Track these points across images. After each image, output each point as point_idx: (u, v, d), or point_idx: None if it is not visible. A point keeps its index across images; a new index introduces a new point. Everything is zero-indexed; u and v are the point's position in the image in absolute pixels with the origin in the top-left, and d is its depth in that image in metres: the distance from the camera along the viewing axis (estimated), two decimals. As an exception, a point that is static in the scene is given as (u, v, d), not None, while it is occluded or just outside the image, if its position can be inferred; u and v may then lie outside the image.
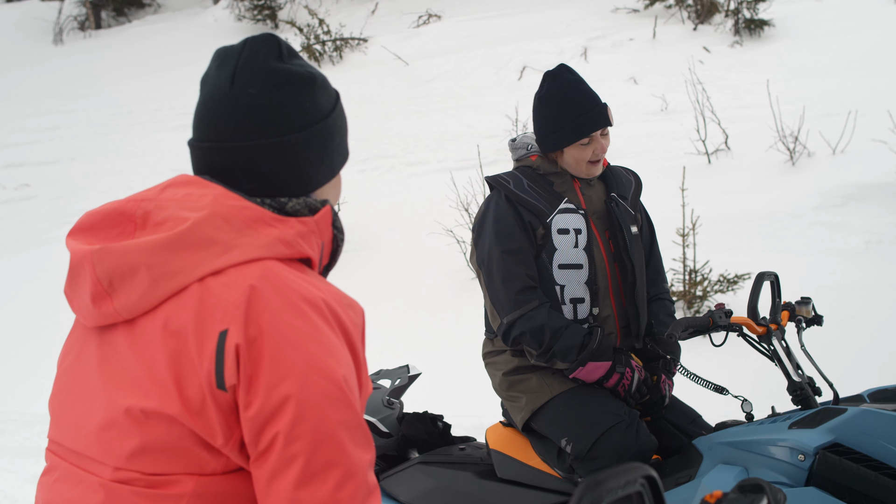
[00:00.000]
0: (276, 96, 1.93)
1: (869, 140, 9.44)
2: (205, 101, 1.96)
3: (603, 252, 3.70)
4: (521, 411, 3.67)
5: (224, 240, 1.83)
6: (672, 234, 7.45)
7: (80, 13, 20.67)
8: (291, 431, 1.74)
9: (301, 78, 1.97)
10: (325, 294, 1.86)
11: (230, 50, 1.98)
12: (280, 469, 1.75)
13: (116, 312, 1.85)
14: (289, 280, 1.83)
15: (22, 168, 13.12)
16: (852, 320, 6.70)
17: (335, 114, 2.05)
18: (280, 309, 1.78)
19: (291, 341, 1.77)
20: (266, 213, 1.88)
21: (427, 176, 11.15)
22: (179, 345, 1.79)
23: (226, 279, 1.80)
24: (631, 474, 1.43)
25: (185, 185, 1.93)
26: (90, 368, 1.92)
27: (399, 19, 17.58)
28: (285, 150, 1.95)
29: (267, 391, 1.75)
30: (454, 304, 7.94)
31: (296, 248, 1.89)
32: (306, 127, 1.97)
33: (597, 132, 3.67)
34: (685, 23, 14.89)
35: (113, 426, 1.83)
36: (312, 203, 1.98)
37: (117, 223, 1.91)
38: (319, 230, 1.96)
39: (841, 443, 2.96)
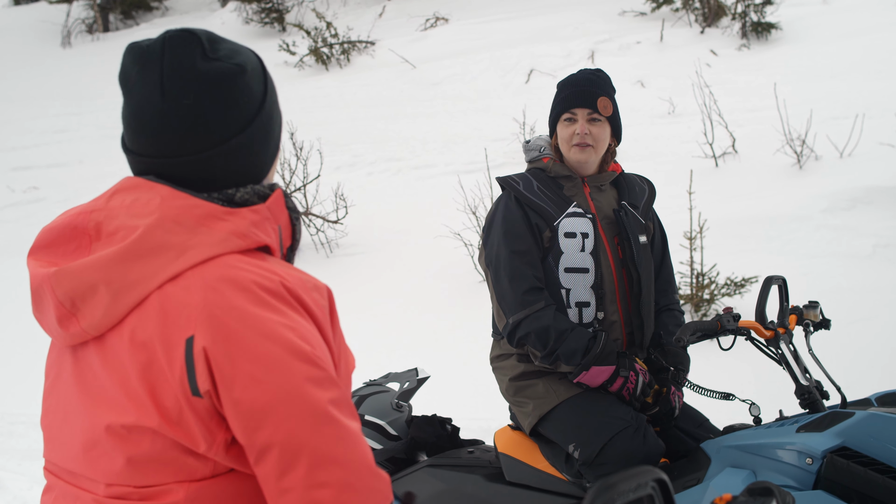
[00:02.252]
0: (212, 102, 1.86)
1: (876, 143, 9.44)
2: (135, 112, 1.89)
3: (610, 257, 3.70)
4: (529, 417, 3.67)
5: (177, 243, 1.80)
6: (679, 237, 7.45)
7: (88, 16, 20.70)
8: (286, 425, 1.73)
9: (232, 74, 1.89)
10: (287, 279, 1.83)
11: (149, 52, 1.88)
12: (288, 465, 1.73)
13: (84, 332, 1.82)
14: (248, 273, 1.80)
15: (30, 170, 13.14)
16: (860, 324, 6.70)
17: (268, 92, 1.99)
18: (244, 304, 1.76)
19: (263, 332, 1.74)
20: (216, 208, 1.85)
21: (434, 179, 11.15)
22: (148, 356, 1.77)
23: (185, 283, 1.78)
24: (642, 477, 1.44)
25: (131, 190, 1.88)
26: (69, 388, 1.91)
27: (406, 22, 17.59)
28: (233, 153, 1.90)
29: (251, 390, 1.73)
30: (462, 307, 7.95)
31: (251, 239, 1.86)
32: (249, 123, 1.92)
33: (581, 112, 3.72)
34: (692, 26, 14.89)
35: (97, 445, 1.82)
36: (260, 189, 1.93)
37: (72, 238, 1.88)
38: (273, 215, 1.92)
39: (849, 446, 2.96)
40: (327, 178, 10.67)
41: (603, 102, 3.72)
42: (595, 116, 3.73)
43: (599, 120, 3.74)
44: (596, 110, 3.71)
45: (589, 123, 3.72)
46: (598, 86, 3.77)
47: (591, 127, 3.72)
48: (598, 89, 3.75)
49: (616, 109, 3.79)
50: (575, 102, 3.74)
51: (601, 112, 3.72)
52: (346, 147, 12.37)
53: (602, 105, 3.72)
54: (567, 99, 3.76)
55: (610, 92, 3.79)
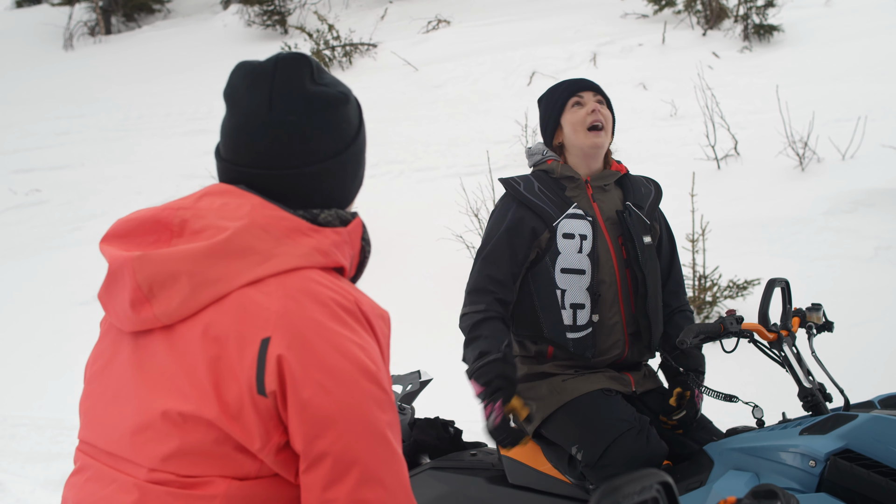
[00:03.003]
0: (316, 122, 1.97)
1: (879, 145, 9.44)
2: (240, 124, 1.98)
3: (614, 258, 3.70)
4: (532, 418, 3.67)
5: (263, 249, 1.87)
6: (682, 239, 7.44)
7: (90, 18, 20.71)
8: (345, 437, 1.79)
9: (336, 100, 2.01)
10: (361, 302, 1.92)
11: (260, 69, 1.99)
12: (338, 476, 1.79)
13: (156, 318, 1.87)
14: (326, 290, 1.87)
15: (32, 173, 13.14)
16: (863, 326, 6.70)
17: (363, 126, 2.10)
18: (321, 317, 1.82)
19: (336, 346, 1.81)
20: (303, 224, 1.92)
21: (436, 181, 11.15)
22: (219, 350, 1.82)
23: (266, 288, 1.84)
24: (646, 480, 1.44)
25: (221, 195, 1.96)
26: (124, 372, 1.95)
27: (408, 25, 17.59)
28: (326, 174, 2.00)
29: (319, 399, 1.79)
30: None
31: (331, 258, 1.94)
32: (345, 149, 2.03)
33: (588, 94, 3.77)
34: (694, 28, 14.88)
35: (149, 428, 1.85)
36: (343, 214, 2.02)
37: (152, 230, 1.94)
38: (351, 241, 2.01)
39: (852, 449, 2.96)
40: (329, 180, 10.66)
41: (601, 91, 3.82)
42: (600, 98, 3.78)
43: (603, 103, 3.79)
44: (599, 92, 3.79)
45: (597, 104, 3.76)
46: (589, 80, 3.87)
47: (599, 108, 3.75)
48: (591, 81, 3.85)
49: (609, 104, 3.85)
50: (580, 86, 3.80)
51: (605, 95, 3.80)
52: (348, 149, 12.36)
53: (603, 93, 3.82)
54: (571, 85, 3.82)
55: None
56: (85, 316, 9.00)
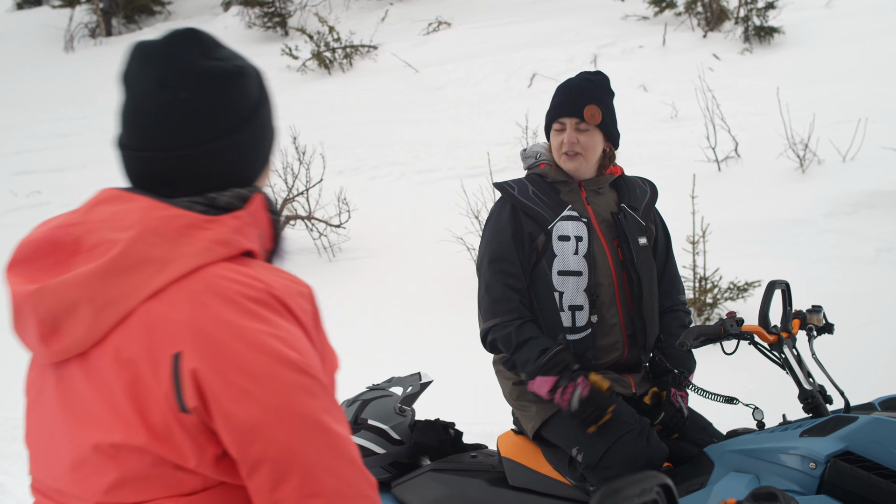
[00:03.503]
0: (210, 98, 1.87)
1: (879, 147, 9.44)
2: (134, 105, 1.88)
3: (610, 260, 3.71)
4: (532, 420, 3.67)
5: (160, 256, 1.77)
6: (682, 241, 7.45)
7: (90, 20, 20.72)
8: (280, 436, 1.71)
9: (232, 74, 1.91)
10: (273, 286, 1.81)
11: (151, 47, 1.89)
12: (281, 476, 1.72)
13: (67, 349, 1.79)
14: (233, 283, 1.77)
15: (33, 175, 13.15)
16: (863, 328, 6.70)
17: (264, 99, 2.00)
18: (231, 316, 1.74)
19: (252, 344, 1.72)
20: (197, 217, 1.82)
21: (437, 183, 11.15)
22: (134, 373, 1.74)
23: (169, 298, 1.75)
24: (647, 483, 1.44)
25: (111, 202, 1.86)
26: (52, 405, 1.87)
27: (409, 26, 17.59)
28: (226, 151, 1.89)
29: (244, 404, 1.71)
30: (465, 311, 7.92)
31: (234, 246, 1.84)
32: (244, 124, 1.92)
33: (569, 121, 3.72)
34: (695, 30, 14.89)
35: (85, 463, 1.79)
36: (243, 193, 1.91)
37: (51, 252, 1.84)
38: (255, 220, 1.91)
39: (852, 451, 2.95)
40: (330, 182, 10.68)
41: (590, 111, 3.70)
42: (583, 126, 3.72)
43: (588, 129, 3.73)
44: (582, 119, 3.70)
45: (577, 132, 3.72)
46: (586, 93, 3.75)
47: (579, 136, 3.72)
48: (585, 97, 3.73)
49: (607, 115, 3.76)
50: (562, 112, 3.75)
51: (588, 121, 3.70)
52: (348, 151, 12.38)
53: (589, 114, 3.70)
54: (556, 108, 3.79)
55: (601, 98, 3.77)
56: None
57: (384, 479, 3.90)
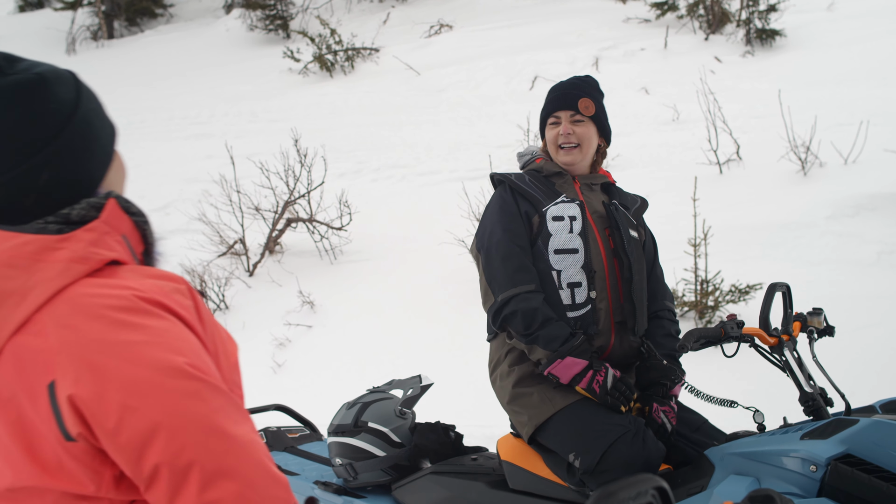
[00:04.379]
0: (13, 116, 1.74)
1: (881, 150, 9.43)
2: None
3: (601, 245, 3.75)
4: (525, 426, 3.66)
5: (16, 288, 1.68)
6: (684, 244, 7.44)
7: (92, 23, 20.75)
8: (171, 446, 1.63)
9: (30, 84, 1.77)
10: (141, 290, 1.72)
11: None
12: (178, 486, 1.63)
13: None
14: (98, 298, 1.69)
15: (35, 177, 13.15)
16: (864, 331, 6.69)
17: (82, 99, 1.87)
18: (102, 334, 1.65)
19: (129, 359, 1.63)
20: (48, 239, 1.71)
21: (438, 185, 11.15)
22: (16, 412, 1.67)
23: (35, 328, 1.66)
24: (642, 485, 1.43)
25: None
26: None
27: (411, 29, 17.61)
28: (51, 163, 1.77)
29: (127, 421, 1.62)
30: (466, 314, 7.94)
31: (94, 259, 1.74)
32: (61, 130, 1.79)
33: (564, 114, 3.88)
34: (696, 33, 14.89)
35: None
36: (96, 202, 1.80)
37: None
38: (113, 227, 1.80)
39: (853, 453, 2.95)
40: (331, 184, 10.69)
41: (584, 103, 3.87)
42: (578, 118, 3.86)
43: (583, 120, 3.87)
44: (577, 111, 3.86)
45: (573, 124, 3.87)
46: (579, 88, 3.91)
47: (575, 127, 3.86)
48: (579, 91, 3.90)
49: (600, 109, 3.91)
50: (557, 105, 3.90)
51: (583, 112, 3.86)
52: (350, 154, 12.38)
53: (583, 105, 3.86)
54: (550, 103, 3.93)
55: (593, 94, 3.92)
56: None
57: (384, 481, 3.90)
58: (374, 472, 3.87)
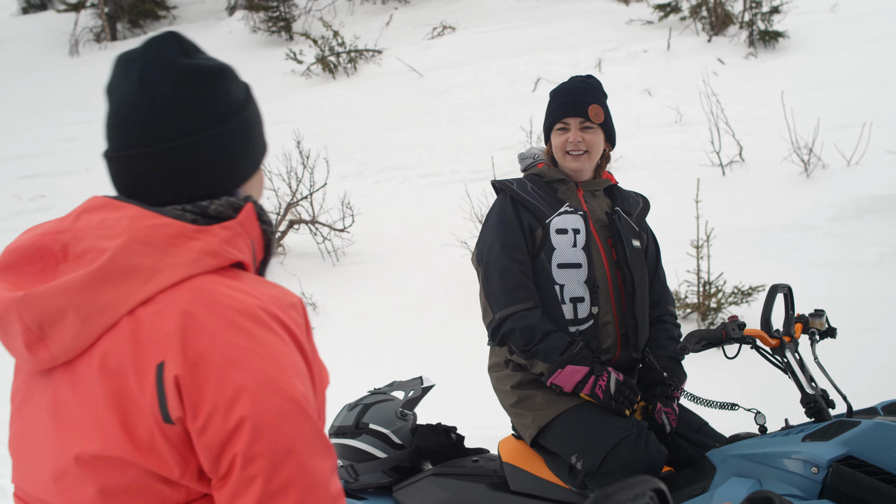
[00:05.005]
0: (189, 93, 1.85)
1: (884, 152, 9.43)
2: (115, 109, 1.87)
3: (604, 257, 3.74)
4: (528, 429, 3.66)
5: (148, 265, 1.75)
6: (686, 245, 7.44)
7: (96, 25, 20.76)
8: (248, 452, 1.68)
9: (211, 71, 1.89)
10: (263, 300, 1.79)
11: (132, 54, 1.89)
12: (239, 491, 1.69)
13: (53, 357, 1.77)
14: (222, 296, 1.75)
15: (37, 179, 13.15)
16: (866, 332, 6.68)
17: (250, 105, 1.98)
18: (217, 330, 1.71)
19: (235, 362, 1.70)
20: (186, 227, 1.80)
21: (441, 187, 11.15)
22: (119, 383, 1.72)
23: (156, 308, 1.73)
24: (640, 487, 1.42)
25: (98, 210, 1.84)
26: (37, 413, 1.85)
27: (413, 31, 17.61)
28: (208, 146, 1.87)
29: (218, 416, 1.68)
30: (468, 316, 7.92)
31: (224, 257, 1.81)
32: (225, 120, 1.89)
33: (574, 121, 3.80)
34: (699, 34, 14.89)
35: (66, 475, 1.77)
36: (235, 202, 1.89)
37: (37, 259, 1.83)
38: (246, 230, 1.88)
39: (855, 455, 2.94)
40: (334, 186, 10.68)
41: (594, 110, 3.79)
42: (587, 125, 3.79)
43: (592, 127, 3.80)
44: (587, 118, 3.78)
45: (582, 131, 3.79)
46: (588, 94, 3.83)
47: (584, 134, 3.79)
48: (588, 97, 3.82)
49: (608, 115, 3.85)
50: (566, 112, 3.81)
51: (592, 120, 3.78)
52: (352, 155, 12.38)
53: (593, 113, 3.79)
54: (559, 108, 3.84)
55: (601, 99, 3.85)
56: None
57: (386, 483, 3.89)
58: (375, 473, 3.86)
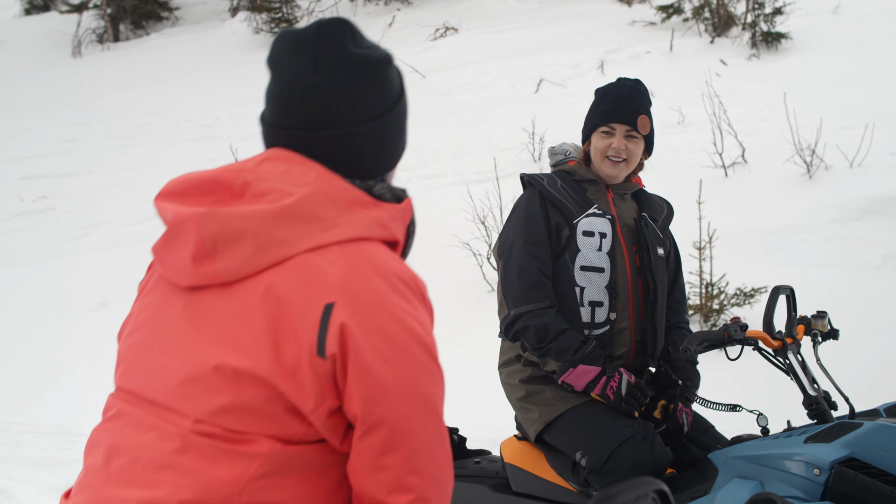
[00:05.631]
0: (361, 83, 1.99)
1: (886, 153, 9.42)
2: (285, 88, 1.99)
3: (627, 263, 3.72)
4: (535, 423, 3.66)
5: (328, 217, 1.90)
6: (689, 247, 7.43)
7: (98, 26, 20.77)
8: (401, 407, 1.84)
9: (380, 62, 2.03)
10: (416, 276, 1.97)
11: (302, 35, 2.00)
12: (393, 445, 1.84)
13: (216, 274, 1.89)
14: (387, 262, 1.91)
15: (40, 180, 13.16)
16: (869, 334, 6.67)
17: (404, 91, 2.14)
18: (383, 289, 1.86)
19: (397, 318, 1.85)
20: (364, 196, 1.96)
21: (443, 189, 11.14)
22: (281, 311, 1.84)
23: (329, 256, 1.87)
24: (642, 488, 1.42)
25: (283, 161, 1.97)
26: (174, 323, 1.96)
27: (416, 32, 17.60)
28: (373, 135, 2.02)
29: (380, 364, 1.82)
30: (470, 317, 7.94)
31: (389, 231, 1.98)
32: (389, 110, 2.05)
33: (620, 128, 3.72)
34: (702, 36, 14.87)
35: (199, 380, 1.87)
36: (396, 190, 2.05)
37: (212, 190, 1.96)
38: (404, 217, 2.05)
39: (857, 457, 2.94)
40: (336, 187, 10.66)
41: (643, 121, 3.73)
42: (633, 134, 3.74)
43: (636, 137, 3.75)
44: (635, 128, 3.72)
45: (626, 139, 3.73)
46: (639, 102, 3.77)
47: (627, 143, 3.73)
48: (639, 106, 3.75)
49: (653, 127, 3.79)
50: (615, 117, 3.74)
51: (640, 130, 3.73)
52: (355, 157, 12.35)
53: (642, 123, 3.73)
54: (607, 112, 3.76)
55: (648, 108, 3.78)
56: (91, 322, 9.01)
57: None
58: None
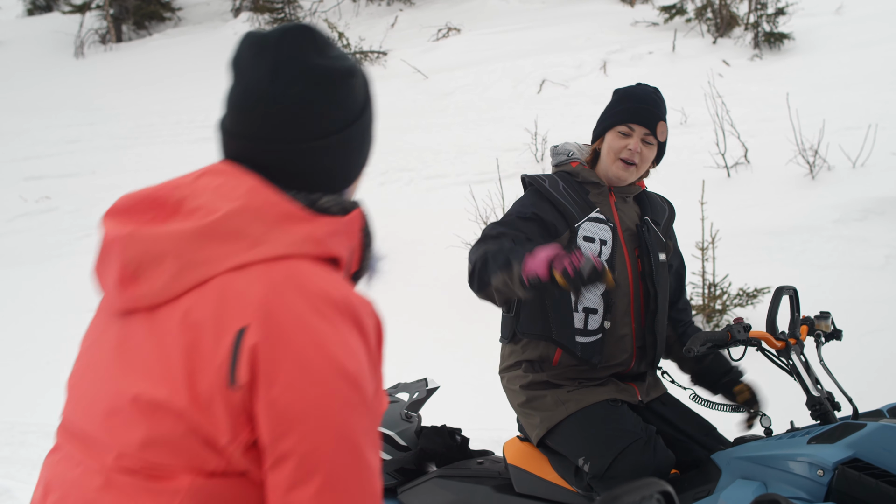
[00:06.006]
0: (318, 96, 1.91)
1: (889, 154, 9.41)
2: (242, 93, 1.92)
3: (629, 269, 3.69)
4: (536, 429, 3.65)
5: (253, 234, 1.81)
6: (691, 247, 7.43)
7: (101, 26, 20.77)
8: (311, 438, 1.72)
9: (341, 74, 1.94)
10: (349, 297, 1.83)
11: (266, 39, 1.92)
12: (301, 479, 1.72)
13: (139, 298, 1.83)
14: (314, 281, 1.80)
15: (42, 180, 13.17)
16: (872, 335, 6.67)
17: (369, 103, 2.04)
18: (303, 311, 1.75)
19: (316, 343, 1.74)
20: (298, 210, 1.86)
21: (446, 189, 11.14)
22: (196, 337, 1.76)
23: (250, 275, 1.78)
24: (647, 489, 1.42)
25: (220, 174, 1.91)
26: (106, 351, 1.91)
27: (418, 32, 17.60)
28: (327, 150, 1.94)
29: (288, 394, 1.72)
30: (472, 318, 7.93)
31: (325, 247, 1.87)
32: (349, 124, 1.96)
33: (639, 130, 3.69)
34: (704, 36, 14.86)
35: (119, 412, 1.81)
36: (344, 202, 1.94)
37: (151, 207, 1.90)
38: (349, 231, 1.93)
39: (860, 458, 2.94)
40: (338, 187, 10.66)
41: (662, 127, 3.73)
42: (650, 139, 3.72)
43: (652, 143, 3.73)
44: (653, 133, 3.71)
45: (642, 143, 3.71)
46: (659, 108, 3.76)
47: (642, 147, 3.71)
48: (660, 112, 3.75)
49: (666, 137, 3.78)
50: (636, 118, 3.71)
51: (658, 136, 3.72)
52: (357, 157, 12.36)
53: (660, 130, 3.73)
54: (628, 112, 3.73)
55: (666, 117, 3.77)
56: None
57: (390, 485, 3.88)
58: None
